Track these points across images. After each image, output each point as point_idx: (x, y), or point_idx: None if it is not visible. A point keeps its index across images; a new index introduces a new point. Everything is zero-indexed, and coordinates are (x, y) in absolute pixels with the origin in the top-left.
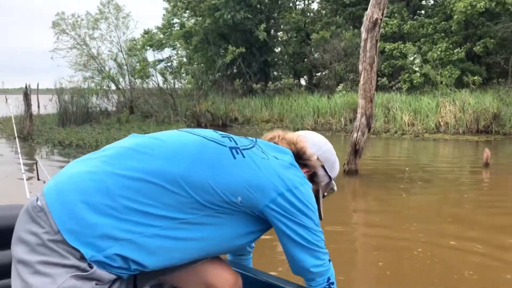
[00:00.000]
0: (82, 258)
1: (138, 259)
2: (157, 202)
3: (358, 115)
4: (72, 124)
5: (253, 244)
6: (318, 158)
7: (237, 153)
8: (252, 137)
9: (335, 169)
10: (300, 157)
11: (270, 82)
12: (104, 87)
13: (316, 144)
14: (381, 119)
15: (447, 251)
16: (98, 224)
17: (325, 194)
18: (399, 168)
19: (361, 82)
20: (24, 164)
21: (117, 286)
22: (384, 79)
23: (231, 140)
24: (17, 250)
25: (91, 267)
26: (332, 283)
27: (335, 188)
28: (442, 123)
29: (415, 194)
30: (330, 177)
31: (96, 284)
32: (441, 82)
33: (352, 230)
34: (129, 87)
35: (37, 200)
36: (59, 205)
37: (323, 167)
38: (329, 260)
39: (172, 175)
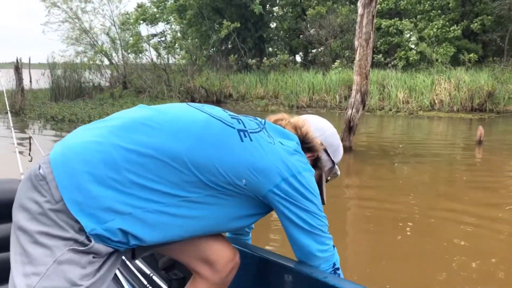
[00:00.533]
0: (80, 230)
1: (138, 234)
2: (161, 178)
3: (353, 92)
4: (64, 99)
5: (253, 225)
6: (321, 143)
7: (245, 136)
8: (261, 119)
9: (338, 154)
10: (304, 142)
11: (265, 58)
12: (97, 62)
13: (319, 128)
14: (376, 96)
15: (438, 222)
16: (102, 196)
17: (328, 179)
18: (393, 145)
19: (357, 58)
20: (17, 139)
21: (114, 257)
22: (380, 56)
23: (239, 122)
24: (19, 217)
25: (90, 241)
26: (338, 269)
27: (339, 173)
28: (436, 101)
29: (409, 170)
30: (333, 162)
31: (93, 257)
32: (437, 60)
33: (345, 202)
34: (122, 62)
35: (39, 168)
36: (65, 174)
37: (326, 151)
38: (334, 246)
39: (177, 153)
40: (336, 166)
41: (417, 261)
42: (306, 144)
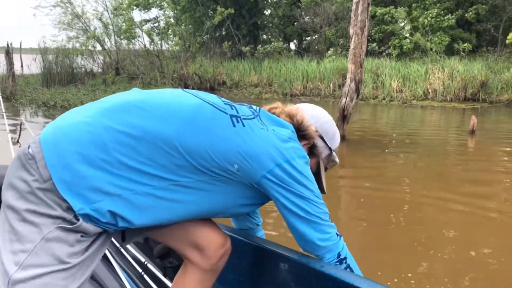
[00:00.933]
0: (68, 209)
1: (126, 216)
2: (152, 161)
3: (347, 80)
4: (56, 84)
5: (261, 218)
6: (316, 130)
7: (238, 121)
8: (255, 107)
9: (335, 141)
10: (299, 130)
11: (259, 45)
12: (89, 47)
13: (314, 116)
14: (369, 85)
15: (430, 206)
16: (91, 176)
17: (327, 167)
18: (387, 134)
19: (352, 46)
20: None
21: (104, 238)
22: (374, 44)
23: (232, 108)
24: (7, 196)
25: (77, 220)
26: (345, 259)
27: (337, 160)
28: (430, 90)
29: (402, 159)
30: (330, 149)
31: (82, 236)
32: (431, 49)
33: (337, 190)
34: (115, 48)
35: (28, 148)
36: (54, 153)
37: (322, 138)
38: (338, 235)
39: (168, 136)
40: (334, 153)
41: (408, 249)
42: (301, 132)
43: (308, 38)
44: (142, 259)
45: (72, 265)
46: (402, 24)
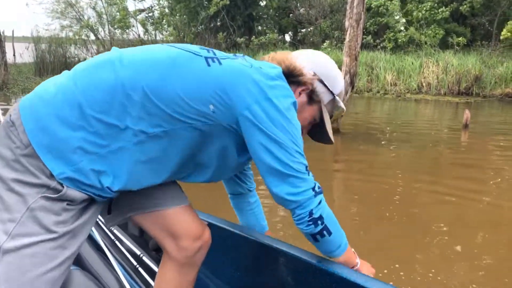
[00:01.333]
0: (52, 175)
1: (108, 173)
2: (126, 114)
3: (342, 73)
4: (49, 74)
5: (253, 183)
6: (314, 73)
7: (213, 61)
8: (244, 55)
9: (338, 85)
10: (291, 75)
11: (254, 36)
12: (83, 36)
13: (313, 60)
14: (364, 78)
15: (422, 195)
16: (69, 137)
17: (332, 114)
18: (380, 127)
19: (347, 39)
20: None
21: (92, 211)
22: (369, 37)
23: (209, 52)
24: None
25: (62, 187)
26: (321, 218)
27: (342, 105)
28: (424, 84)
29: (395, 151)
30: (332, 94)
31: (68, 204)
32: (425, 43)
33: (330, 180)
34: (108, 38)
35: (10, 116)
36: (31, 118)
37: (322, 82)
38: (315, 191)
39: (139, 86)
40: (338, 98)
41: (400, 239)
42: (295, 78)
43: (303, 30)
44: (138, 252)
45: (59, 234)
46: (397, 17)
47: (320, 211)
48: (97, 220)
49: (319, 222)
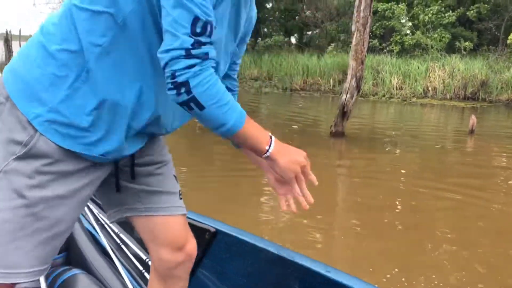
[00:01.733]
0: (29, 124)
1: (78, 104)
2: (74, 34)
3: (348, 77)
4: None
5: (237, 80)
6: None
7: None
8: None
9: None
10: None
11: (260, 38)
12: None
13: None
14: (370, 81)
15: (427, 200)
16: (39, 76)
17: None
18: (385, 131)
19: (353, 43)
20: None
21: (79, 183)
22: (376, 41)
23: None
24: None
25: (32, 138)
26: (185, 86)
27: None
28: (430, 88)
29: (400, 155)
30: None
31: (43, 166)
32: (432, 47)
33: (335, 185)
34: None
35: None
36: (8, 69)
37: None
38: (189, 52)
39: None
40: None
41: (404, 244)
42: None
43: (309, 33)
44: (144, 257)
45: (30, 200)
46: (403, 21)
47: (187, 76)
48: (102, 222)
49: (183, 89)
